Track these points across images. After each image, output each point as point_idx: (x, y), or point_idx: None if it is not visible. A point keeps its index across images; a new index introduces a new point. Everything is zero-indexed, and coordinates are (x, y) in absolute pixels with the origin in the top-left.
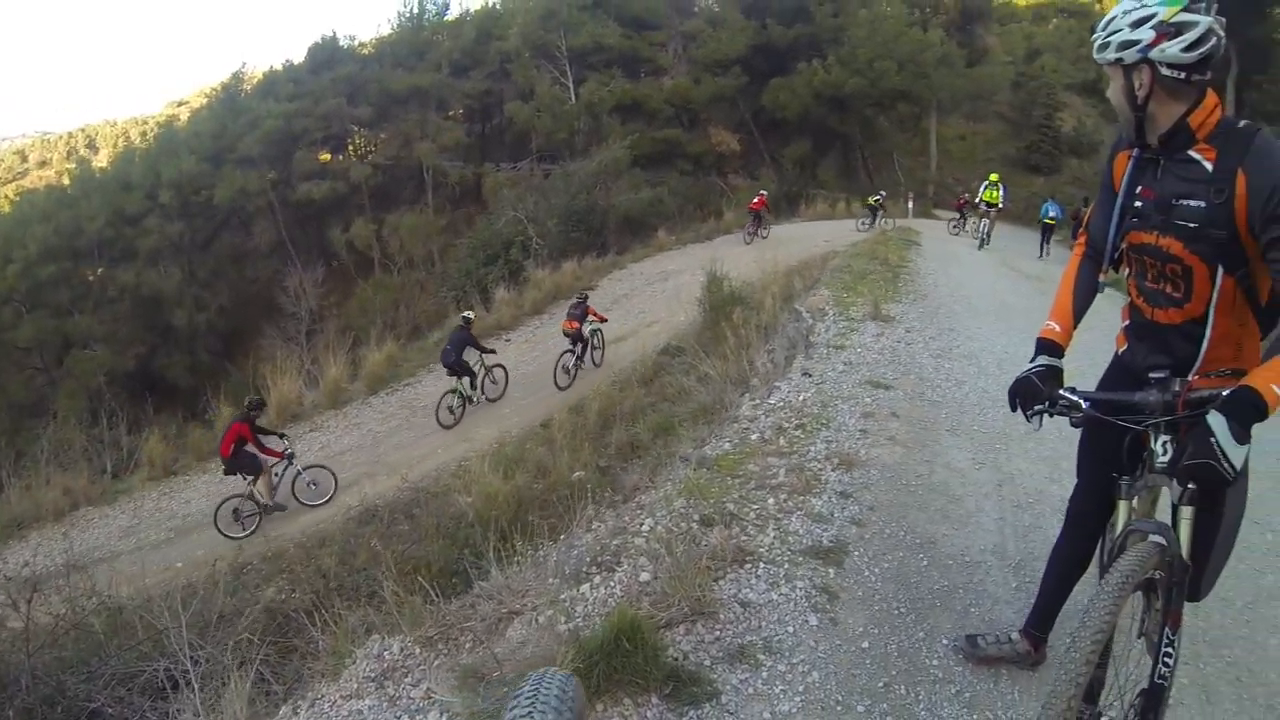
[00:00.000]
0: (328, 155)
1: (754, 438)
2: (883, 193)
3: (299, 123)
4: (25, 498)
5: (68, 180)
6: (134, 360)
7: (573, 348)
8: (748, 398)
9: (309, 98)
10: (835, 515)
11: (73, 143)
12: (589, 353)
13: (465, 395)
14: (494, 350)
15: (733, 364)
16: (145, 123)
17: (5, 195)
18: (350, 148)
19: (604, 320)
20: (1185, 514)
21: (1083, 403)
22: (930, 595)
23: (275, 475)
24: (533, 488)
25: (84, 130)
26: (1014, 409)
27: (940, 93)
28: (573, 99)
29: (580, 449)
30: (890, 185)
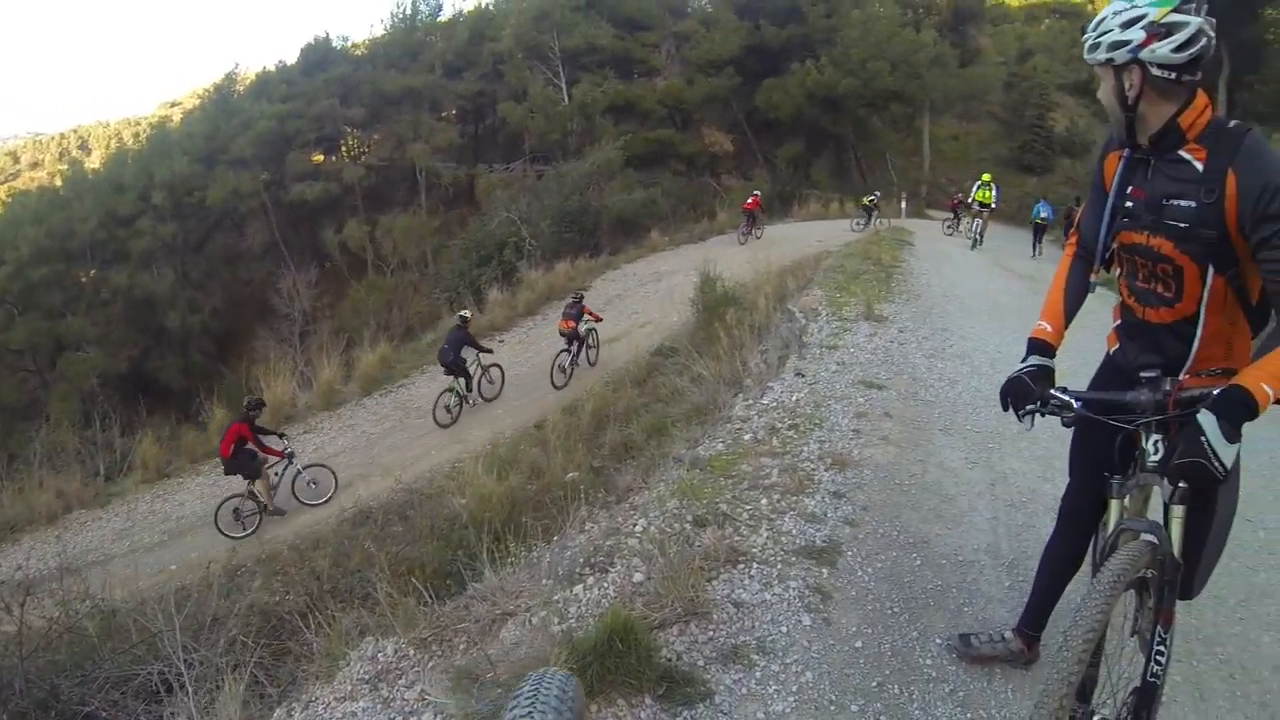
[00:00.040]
0: (321, 156)
1: (747, 438)
2: (877, 193)
3: (292, 124)
4: (18, 501)
5: (60, 182)
6: (127, 362)
7: (569, 347)
8: (741, 398)
9: (302, 99)
10: (828, 515)
11: (65, 144)
12: (584, 351)
13: (462, 395)
14: (491, 350)
15: (726, 364)
16: (138, 124)
17: None
18: (343, 149)
19: (599, 320)
20: (1177, 513)
21: (1074, 402)
22: (923, 594)
23: (275, 475)
24: (526, 489)
25: (76, 131)
26: (1005, 409)
27: (933, 93)
28: (566, 100)
29: (574, 450)
30: (883, 185)
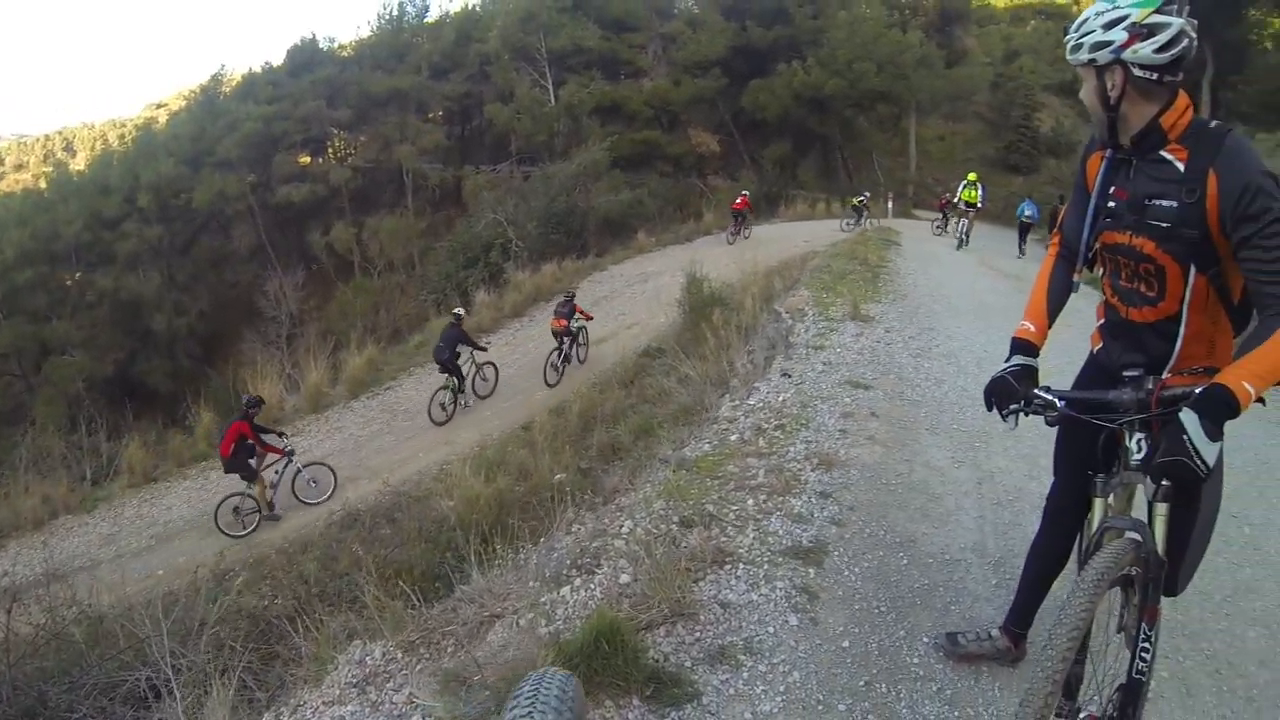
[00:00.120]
0: (307, 158)
1: (733, 439)
2: (866, 193)
3: (278, 125)
4: (3, 506)
5: (45, 184)
6: (113, 366)
7: (561, 345)
8: (727, 399)
9: (288, 100)
10: (815, 515)
11: (50, 146)
12: (574, 349)
13: (456, 392)
14: (485, 347)
15: (712, 365)
16: (123, 125)
17: None
18: (330, 150)
19: (590, 319)
20: (1160, 510)
21: (1057, 401)
22: (910, 594)
23: (275, 473)
24: (514, 490)
25: (61, 133)
26: (989, 408)
27: (919, 93)
28: (552, 101)
29: (561, 451)
30: (870, 185)
